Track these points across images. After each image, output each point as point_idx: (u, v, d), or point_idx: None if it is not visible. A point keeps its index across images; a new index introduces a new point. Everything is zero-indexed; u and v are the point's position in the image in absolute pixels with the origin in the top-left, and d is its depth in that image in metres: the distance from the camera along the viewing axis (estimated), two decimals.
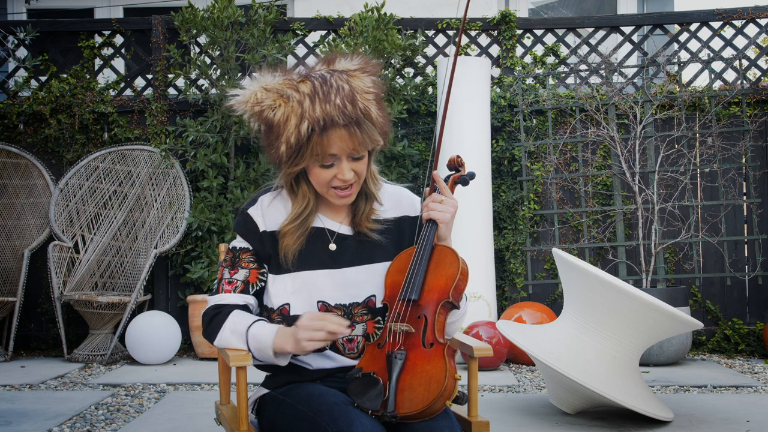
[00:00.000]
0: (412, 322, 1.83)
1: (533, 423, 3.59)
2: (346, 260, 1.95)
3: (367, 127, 1.85)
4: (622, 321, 3.47)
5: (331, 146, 1.83)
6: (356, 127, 1.83)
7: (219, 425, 2.22)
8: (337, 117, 1.81)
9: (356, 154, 1.86)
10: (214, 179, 5.55)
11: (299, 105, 1.81)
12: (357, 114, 1.83)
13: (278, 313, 1.93)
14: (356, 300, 1.93)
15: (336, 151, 1.84)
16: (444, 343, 1.78)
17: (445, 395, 1.71)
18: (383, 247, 1.97)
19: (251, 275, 1.95)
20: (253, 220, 1.96)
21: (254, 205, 1.98)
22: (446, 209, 1.91)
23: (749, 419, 3.63)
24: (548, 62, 5.93)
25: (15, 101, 5.85)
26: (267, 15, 5.56)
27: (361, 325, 1.93)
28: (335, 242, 1.96)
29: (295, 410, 1.81)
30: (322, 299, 1.92)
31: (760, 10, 5.79)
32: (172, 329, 5.24)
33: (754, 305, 5.71)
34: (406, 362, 1.76)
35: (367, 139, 1.86)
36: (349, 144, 1.83)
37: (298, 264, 1.93)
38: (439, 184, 1.95)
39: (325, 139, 1.82)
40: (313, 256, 1.94)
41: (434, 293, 1.85)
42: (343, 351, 1.92)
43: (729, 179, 5.64)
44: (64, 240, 5.54)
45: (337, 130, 1.82)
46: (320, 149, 1.83)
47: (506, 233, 5.71)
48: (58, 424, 3.60)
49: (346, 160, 1.86)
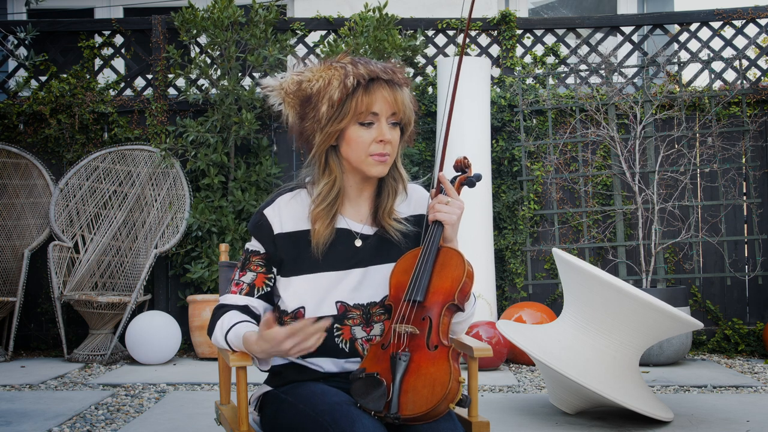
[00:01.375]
0: (416, 323, 1.82)
1: (533, 423, 3.59)
2: (368, 260, 1.94)
3: (407, 95, 1.89)
4: (622, 321, 3.47)
5: (374, 102, 1.85)
6: (398, 87, 1.87)
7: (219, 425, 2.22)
8: (382, 74, 1.85)
9: (395, 119, 1.88)
10: (216, 178, 5.55)
11: (342, 68, 1.86)
12: (399, 79, 1.88)
13: (292, 316, 1.93)
14: (374, 300, 1.93)
15: (378, 109, 1.86)
16: (448, 345, 1.78)
17: (449, 398, 1.70)
18: (404, 244, 1.97)
19: (258, 279, 1.94)
20: (267, 221, 1.94)
21: (271, 205, 1.96)
22: (452, 211, 1.90)
23: (749, 419, 3.63)
24: (548, 62, 5.93)
25: (15, 101, 5.85)
26: (267, 15, 5.56)
27: (378, 324, 1.92)
28: (360, 239, 1.96)
29: (297, 409, 1.81)
30: (341, 299, 1.92)
31: (760, 10, 5.79)
32: (172, 329, 5.24)
33: (754, 305, 5.71)
34: (410, 364, 1.76)
35: (406, 107, 1.89)
36: (392, 103, 1.86)
37: (322, 264, 1.92)
38: (445, 185, 1.94)
39: (369, 94, 1.85)
40: (336, 255, 1.93)
41: (439, 295, 1.84)
42: (362, 352, 1.91)
43: (729, 179, 5.64)
44: (64, 240, 5.54)
45: (382, 87, 1.85)
46: (364, 105, 1.85)
47: (506, 233, 5.71)
48: (58, 424, 3.60)
49: (386, 122, 1.88)
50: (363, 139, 1.87)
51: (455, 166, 2.04)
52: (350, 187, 1.96)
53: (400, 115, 1.88)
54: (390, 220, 1.95)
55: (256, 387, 2.07)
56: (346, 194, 1.96)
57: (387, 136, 1.86)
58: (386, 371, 1.76)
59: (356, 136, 1.87)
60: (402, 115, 1.89)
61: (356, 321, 1.91)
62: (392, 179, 1.97)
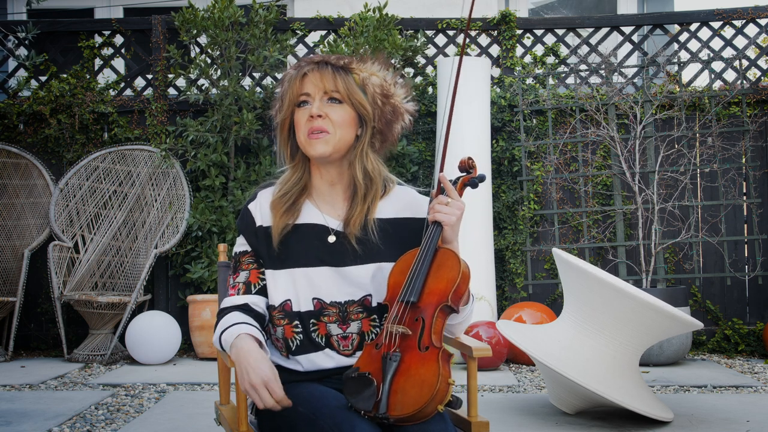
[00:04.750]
0: (410, 324, 1.82)
1: (533, 423, 3.59)
2: (345, 258, 1.94)
3: (345, 76, 1.92)
4: (622, 321, 3.47)
5: (305, 85, 1.92)
6: (331, 68, 1.92)
7: (219, 425, 2.22)
8: (315, 59, 1.93)
9: (331, 95, 1.91)
10: (216, 178, 5.55)
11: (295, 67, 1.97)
12: (337, 62, 1.93)
13: (280, 310, 1.94)
14: (352, 298, 1.94)
15: (308, 89, 1.92)
16: (439, 347, 1.78)
17: (436, 399, 1.70)
18: (383, 247, 1.96)
19: (251, 275, 1.96)
20: (251, 214, 1.99)
21: (254, 200, 2.01)
22: (452, 212, 1.90)
23: (749, 419, 3.63)
24: (548, 62, 5.93)
25: (15, 101, 5.85)
26: (267, 15, 5.56)
27: (356, 322, 1.93)
28: (334, 235, 1.96)
29: (296, 411, 1.81)
30: (318, 296, 1.93)
31: (760, 10, 5.79)
32: (172, 329, 5.24)
33: (754, 305, 5.71)
34: (400, 365, 1.76)
35: (342, 85, 1.91)
36: (319, 82, 1.91)
37: (298, 258, 1.93)
38: (446, 185, 1.93)
39: (302, 79, 1.93)
40: (312, 252, 1.94)
41: (434, 296, 1.84)
42: (338, 348, 1.93)
43: (729, 179, 5.64)
44: (64, 240, 5.54)
45: (311, 69, 1.92)
46: (296, 89, 1.92)
47: (506, 233, 5.71)
48: (58, 424, 3.61)
49: (320, 101, 1.91)
50: (300, 121, 1.93)
51: (460, 166, 2.03)
52: (318, 179, 1.99)
53: (335, 94, 1.91)
54: (355, 229, 1.94)
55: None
56: (316, 187, 1.99)
57: (314, 111, 1.90)
58: (378, 371, 1.77)
59: (297, 118, 1.94)
60: (341, 94, 1.91)
61: (332, 318, 1.92)
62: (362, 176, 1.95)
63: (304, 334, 1.92)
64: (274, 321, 1.96)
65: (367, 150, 1.96)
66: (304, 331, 1.92)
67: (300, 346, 1.93)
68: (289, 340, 1.94)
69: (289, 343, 1.94)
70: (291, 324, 1.93)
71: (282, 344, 1.97)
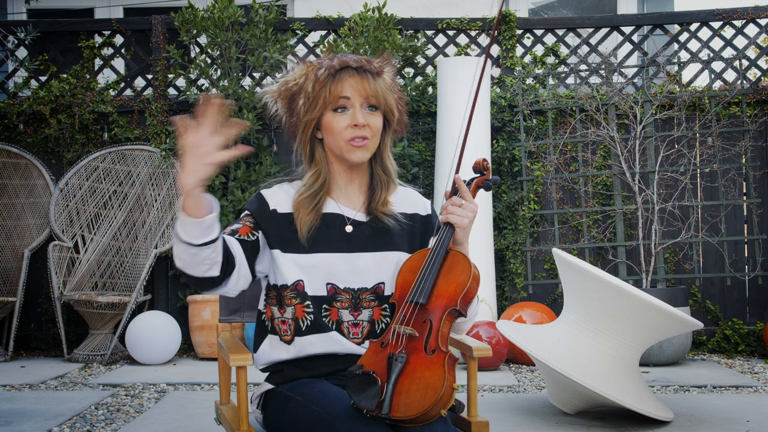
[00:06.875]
0: (417, 325, 1.81)
1: (533, 423, 3.59)
2: (360, 246, 1.96)
3: (381, 82, 1.95)
4: (622, 321, 3.47)
5: (343, 89, 1.92)
6: (369, 75, 1.93)
7: (219, 425, 2.22)
8: (352, 62, 1.93)
9: (370, 102, 1.93)
10: (216, 178, 5.55)
11: (318, 63, 1.97)
12: (371, 67, 1.94)
13: (293, 289, 1.93)
14: (365, 285, 1.94)
15: (348, 94, 1.92)
16: (446, 351, 1.77)
17: (440, 404, 1.70)
18: (396, 236, 1.98)
19: (243, 228, 1.95)
20: (264, 198, 2.00)
21: (269, 189, 2.03)
22: (465, 214, 1.91)
23: (749, 419, 3.63)
24: (548, 62, 5.93)
25: (15, 101, 5.85)
26: (267, 15, 5.57)
27: (367, 310, 1.93)
28: (351, 225, 1.98)
29: (309, 410, 1.80)
30: (332, 281, 1.93)
31: (760, 10, 5.79)
32: (172, 329, 5.24)
33: (754, 305, 5.71)
34: (406, 366, 1.75)
35: (380, 92, 1.94)
36: (362, 89, 1.92)
37: (314, 245, 1.94)
38: (461, 187, 1.93)
39: (338, 82, 1.92)
40: (329, 238, 1.96)
41: (442, 299, 1.84)
42: (348, 335, 1.93)
43: (729, 179, 5.64)
44: (64, 240, 5.54)
45: (350, 74, 1.92)
46: (333, 92, 1.92)
47: (506, 233, 5.71)
48: (58, 424, 3.61)
49: (360, 108, 1.92)
50: (339, 125, 1.93)
51: (474, 167, 2.03)
52: (338, 175, 2.01)
53: (374, 100, 1.93)
54: (384, 209, 1.99)
55: (257, 386, 2.07)
56: (335, 182, 2.01)
57: (360, 119, 1.91)
58: (382, 371, 1.76)
59: (332, 122, 1.93)
60: (379, 101, 1.94)
61: (344, 304, 1.93)
62: (382, 171, 2.01)
63: (315, 315, 1.92)
64: (285, 300, 1.94)
65: (388, 148, 2.02)
66: (316, 313, 1.92)
67: (310, 326, 1.92)
68: (300, 320, 1.92)
69: (300, 323, 1.92)
70: (303, 304, 1.92)
71: (290, 325, 1.94)
